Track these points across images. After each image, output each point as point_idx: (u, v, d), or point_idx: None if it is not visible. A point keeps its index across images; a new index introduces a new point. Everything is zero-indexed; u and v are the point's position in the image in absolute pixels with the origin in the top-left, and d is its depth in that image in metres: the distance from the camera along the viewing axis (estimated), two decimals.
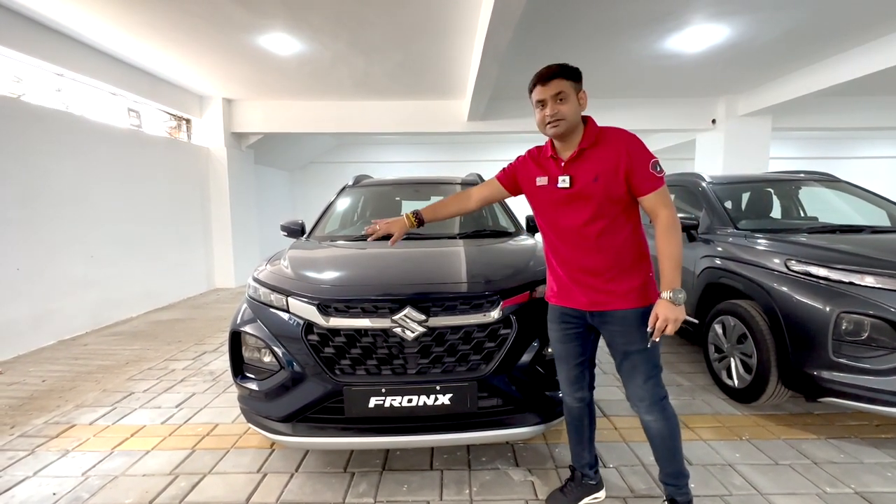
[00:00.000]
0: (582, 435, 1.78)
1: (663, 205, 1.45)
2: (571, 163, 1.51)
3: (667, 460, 1.62)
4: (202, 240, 6.97)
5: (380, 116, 7.20)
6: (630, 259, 1.52)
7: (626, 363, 1.56)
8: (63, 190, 4.47)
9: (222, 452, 2.24)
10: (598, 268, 1.51)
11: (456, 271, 2.00)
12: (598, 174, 1.45)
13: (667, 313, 1.39)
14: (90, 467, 2.13)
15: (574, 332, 1.64)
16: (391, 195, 3.49)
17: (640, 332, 1.50)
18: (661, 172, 1.46)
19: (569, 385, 1.70)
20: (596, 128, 1.52)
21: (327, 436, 1.79)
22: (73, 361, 3.70)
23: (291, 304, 1.84)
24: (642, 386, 1.54)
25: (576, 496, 1.79)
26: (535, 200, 1.63)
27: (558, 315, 1.65)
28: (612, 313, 1.53)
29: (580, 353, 1.66)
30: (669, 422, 1.57)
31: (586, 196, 1.48)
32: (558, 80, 1.44)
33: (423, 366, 1.76)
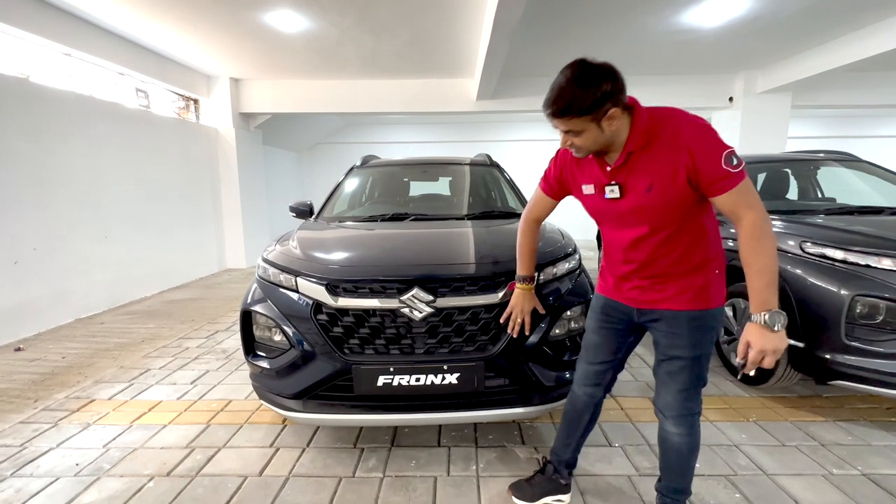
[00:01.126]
0: (575, 431, 1.65)
1: (746, 205, 1.15)
2: (619, 169, 1.27)
3: (676, 476, 1.48)
4: (213, 220, 7.03)
5: (388, 96, 7.11)
6: (695, 262, 1.30)
7: (666, 367, 1.38)
8: (75, 171, 4.51)
9: (236, 427, 2.31)
10: (654, 273, 1.34)
11: (464, 252, 1.99)
12: (653, 182, 1.21)
13: (763, 343, 1.12)
14: (110, 440, 2.21)
15: (613, 328, 1.49)
16: (399, 176, 3.47)
17: (690, 338, 1.32)
18: (739, 165, 1.14)
19: (585, 377, 1.56)
20: (646, 122, 1.21)
21: (337, 413, 1.83)
22: (90, 339, 3.81)
23: (300, 285, 1.86)
24: (676, 395, 1.37)
25: (541, 491, 1.69)
26: (585, 206, 1.44)
27: (602, 305, 1.51)
28: (661, 312, 1.35)
29: (612, 351, 1.51)
30: (693, 439, 1.41)
31: (640, 209, 1.26)
32: (561, 120, 1.20)
33: (431, 346, 1.78)
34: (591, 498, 1.74)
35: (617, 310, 1.47)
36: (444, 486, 1.83)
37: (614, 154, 1.28)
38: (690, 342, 1.32)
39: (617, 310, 1.47)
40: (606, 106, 1.15)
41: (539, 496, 1.69)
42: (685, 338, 1.32)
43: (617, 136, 1.22)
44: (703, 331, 1.32)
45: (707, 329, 1.33)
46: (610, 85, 1.15)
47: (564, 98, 1.16)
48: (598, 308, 1.53)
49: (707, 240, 1.31)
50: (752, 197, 1.17)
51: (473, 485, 1.83)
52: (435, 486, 1.83)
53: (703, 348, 1.33)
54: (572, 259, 2.04)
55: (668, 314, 1.34)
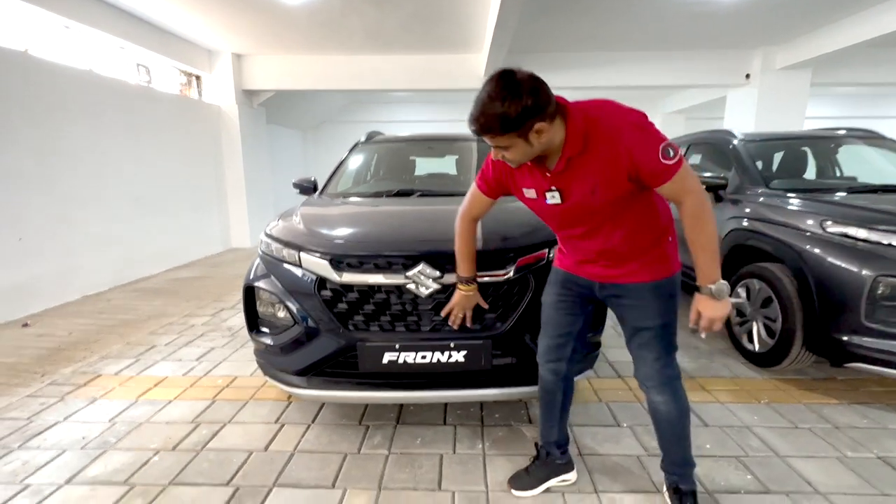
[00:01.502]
0: (553, 411, 1.62)
1: (685, 191, 1.19)
2: (560, 175, 1.25)
3: (673, 446, 1.48)
4: (217, 199, 6.99)
5: (393, 72, 6.94)
6: (650, 237, 1.34)
7: (637, 339, 1.41)
8: (77, 146, 4.46)
9: (241, 403, 2.30)
10: (612, 255, 1.36)
11: None
12: (595, 184, 1.22)
13: (711, 311, 1.23)
14: (116, 414, 2.22)
15: (572, 301, 1.50)
16: (405, 153, 3.38)
17: (654, 307, 1.35)
18: (676, 154, 1.17)
19: (546, 353, 1.56)
20: (581, 126, 1.18)
21: (342, 390, 1.80)
22: (97, 315, 3.82)
23: (304, 259, 1.81)
24: (652, 365, 1.40)
25: (541, 476, 1.65)
26: (528, 206, 1.44)
27: (561, 279, 1.51)
28: (623, 286, 1.38)
29: (570, 322, 1.52)
30: (679, 404, 1.42)
31: (584, 209, 1.29)
32: (485, 137, 1.18)
33: (437, 323, 1.74)
34: (600, 477, 1.72)
35: (577, 283, 1.48)
36: (450, 463, 1.81)
37: (553, 158, 1.25)
38: (656, 311, 1.36)
39: (577, 283, 1.48)
40: (530, 122, 1.12)
41: (540, 482, 1.65)
42: (650, 308, 1.36)
43: (550, 143, 1.20)
44: (667, 298, 1.36)
45: (669, 296, 1.37)
46: (532, 100, 1.10)
47: (485, 115, 1.13)
48: (556, 282, 1.53)
49: (656, 213, 1.35)
50: (690, 182, 1.20)
51: (480, 462, 1.82)
52: (441, 463, 1.82)
53: (668, 315, 1.38)
54: None
55: (631, 287, 1.37)
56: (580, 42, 6.13)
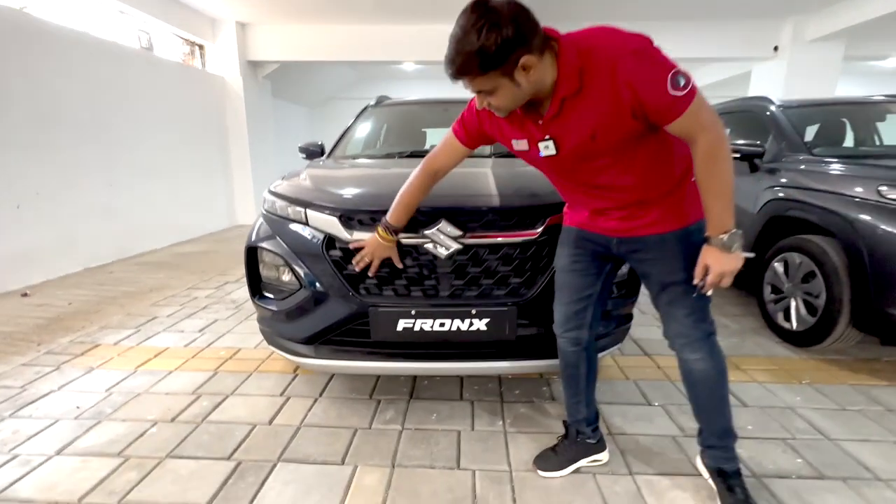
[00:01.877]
0: (577, 386, 1.47)
1: (700, 127, 1.02)
2: (553, 120, 1.09)
3: (712, 413, 1.32)
4: (222, 175, 6.84)
5: (403, 43, 6.66)
6: (670, 180, 1.18)
7: (664, 296, 1.26)
8: (75, 112, 4.29)
9: (244, 376, 2.17)
10: (630, 202, 1.21)
11: (497, 184, 1.74)
12: (595, 128, 1.05)
13: (720, 265, 1.08)
14: (113, 384, 2.10)
15: (587, 261, 1.34)
16: (417, 118, 3.17)
17: (681, 259, 1.20)
18: (687, 84, 0.98)
19: (564, 321, 1.40)
20: (574, 61, 1.00)
21: (352, 359, 1.66)
22: (98, 287, 3.71)
23: (311, 217, 1.64)
24: (684, 321, 1.24)
25: (570, 456, 1.49)
26: (520, 158, 1.29)
27: (574, 238, 1.35)
28: (644, 239, 1.23)
29: (588, 285, 1.36)
30: (716, 361, 1.26)
31: (584, 156, 1.13)
32: (465, 81, 1.01)
33: (458, 287, 1.57)
34: (633, 459, 1.57)
35: (592, 241, 1.33)
36: (468, 440, 1.67)
37: (545, 102, 1.08)
38: (684, 262, 1.20)
39: (592, 241, 1.33)
40: (515, 55, 0.94)
41: (569, 462, 1.49)
42: (678, 260, 1.21)
43: (541, 83, 1.03)
44: (695, 246, 1.17)
45: (697, 244, 1.17)
46: (513, 29, 0.92)
47: (461, 54, 0.95)
48: (569, 241, 1.38)
49: (672, 151, 1.17)
50: (706, 115, 1.02)
51: (501, 440, 1.67)
52: (459, 440, 1.67)
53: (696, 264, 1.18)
54: None
55: (653, 239, 1.22)
56: (601, 11, 5.80)
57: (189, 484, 1.45)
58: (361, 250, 1.51)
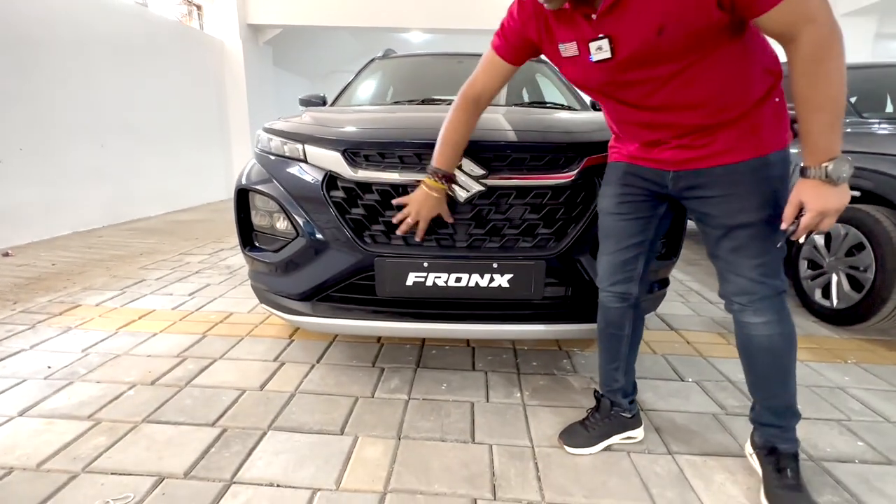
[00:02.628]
0: (618, 349, 1.28)
1: (805, 18, 0.79)
2: (608, 16, 0.89)
3: (773, 388, 1.11)
4: (220, 143, 6.59)
5: (410, 9, 6.34)
6: (749, 98, 0.95)
7: (727, 242, 1.04)
8: (63, 65, 4.03)
9: (235, 340, 1.99)
10: (681, 131, 1.00)
11: (524, 120, 1.52)
12: (664, 21, 0.85)
13: (821, 202, 0.85)
14: (91, 345, 1.91)
15: (638, 202, 1.14)
16: (428, 72, 2.91)
17: (756, 194, 0.98)
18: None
19: (611, 273, 1.20)
20: None
21: (355, 318, 1.46)
22: (85, 250, 3.51)
23: (309, 154, 1.43)
24: (750, 272, 1.03)
25: (602, 432, 1.30)
26: (566, 74, 1.09)
27: (621, 175, 1.15)
28: (709, 171, 1.01)
29: (638, 230, 1.16)
30: (785, 327, 1.06)
31: (645, 61, 0.91)
32: None
33: (478, 237, 1.36)
34: (671, 437, 1.38)
35: (642, 177, 1.12)
36: (483, 412, 1.48)
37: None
38: (759, 200, 0.98)
39: (642, 177, 1.12)
40: None
41: (600, 438, 1.30)
42: (751, 196, 0.99)
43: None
44: (773, 181, 0.99)
45: (776, 178, 0.99)
46: None
47: None
48: (615, 180, 1.17)
49: (755, 58, 0.94)
50: (815, 3, 0.79)
51: (520, 413, 1.48)
52: (472, 411, 1.49)
53: (775, 205, 0.99)
54: None
55: (719, 171, 1.00)
56: None
57: (166, 451, 1.26)
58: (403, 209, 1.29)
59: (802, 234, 0.91)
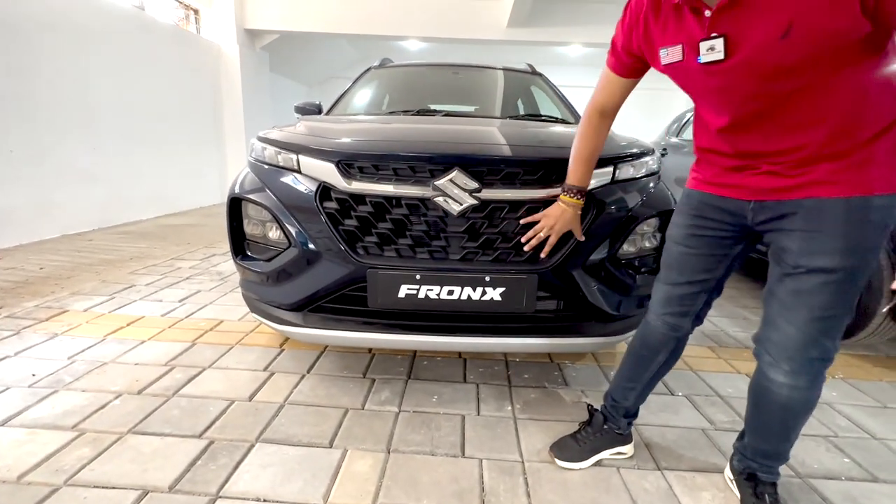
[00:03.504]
0: (642, 373, 1.23)
1: None
2: (726, 11, 0.80)
3: (773, 438, 1.07)
4: (215, 148, 6.56)
5: (407, 17, 6.40)
6: (864, 133, 0.82)
7: (792, 283, 0.91)
8: (57, 65, 4.00)
9: (225, 348, 1.97)
10: (792, 155, 0.87)
11: (518, 134, 1.54)
12: (792, 19, 0.75)
13: None
14: (78, 352, 1.88)
15: (710, 237, 1.05)
16: (426, 82, 2.93)
17: (844, 237, 0.85)
18: None
19: (666, 302, 1.14)
20: None
21: (346, 329, 1.45)
22: (75, 253, 3.47)
23: (304, 164, 1.43)
24: (804, 327, 0.91)
25: (594, 446, 1.29)
26: (674, 79, 0.99)
27: (697, 204, 1.06)
28: (797, 202, 0.89)
29: (705, 268, 1.08)
30: (814, 394, 0.99)
31: (764, 69, 0.80)
32: None
33: (471, 250, 1.37)
34: (661, 453, 1.38)
35: (719, 209, 1.02)
36: (474, 426, 1.48)
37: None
38: (847, 245, 0.85)
39: (719, 209, 1.02)
40: None
41: (591, 453, 1.29)
42: (839, 239, 0.85)
43: None
44: (871, 227, 0.85)
45: (878, 225, 0.85)
46: None
47: None
48: (688, 210, 1.09)
49: (885, 89, 0.81)
50: None
51: (511, 427, 1.48)
52: (463, 425, 1.48)
53: (865, 255, 0.87)
54: (649, 160, 1.58)
55: (810, 203, 0.87)
56: None
57: (151, 463, 1.24)
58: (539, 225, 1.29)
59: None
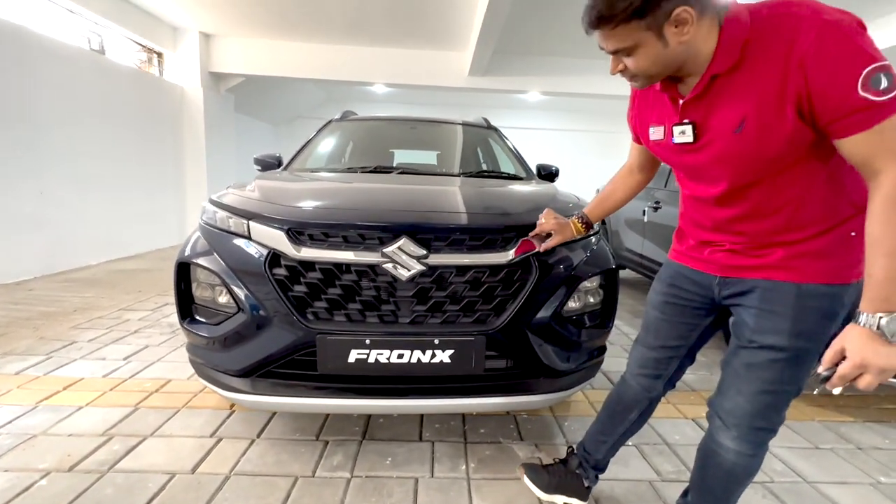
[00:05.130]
0: (615, 427, 1.30)
1: (890, 154, 0.74)
2: (696, 101, 0.90)
3: (713, 501, 1.11)
4: (174, 188, 6.42)
5: (373, 65, 6.64)
6: (817, 225, 0.90)
7: (745, 356, 0.98)
8: (5, 109, 3.88)
9: (171, 412, 1.88)
10: (754, 235, 0.96)
11: (464, 200, 1.62)
12: (745, 116, 0.83)
13: (869, 356, 0.74)
14: (3, 423, 1.75)
15: (684, 306, 1.12)
16: (385, 135, 3.04)
17: (794, 320, 0.91)
18: (891, 90, 0.72)
19: (640, 364, 1.21)
20: (741, 32, 0.81)
21: (296, 396, 1.43)
22: (11, 306, 3.25)
23: (254, 230, 1.44)
24: (753, 398, 0.97)
25: (560, 484, 1.37)
26: (656, 155, 1.11)
27: (673, 274, 1.14)
28: (754, 282, 0.96)
29: (678, 335, 1.15)
30: (756, 462, 1.04)
31: (725, 156, 0.90)
32: (605, 32, 0.84)
33: (420, 314, 1.40)
34: None
35: (691, 280, 1.10)
36: (426, 489, 1.47)
37: (693, 79, 0.89)
38: (796, 328, 0.91)
39: (691, 280, 1.10)
40: (668, 4, 0.77)
41: (555, 490, 1.37)
42: (789, 320, 0.91)
43: (693, 52, 0.84)
44: (821, 315, 0.91)
45: (827, 314, 0.90)
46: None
47: (596, 7, 0.82)
48: (666, 279, 1.17)
49: (843, 184, 0.88)
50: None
51: (464, 488, 1.48)
52: (416, 489, 1.47)
53: (812, 339, 0.92)
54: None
55: (766, 284, 0.94)
56: (573, 46, 5.98)
57: None
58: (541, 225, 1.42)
59: (838, 385, 0.78)
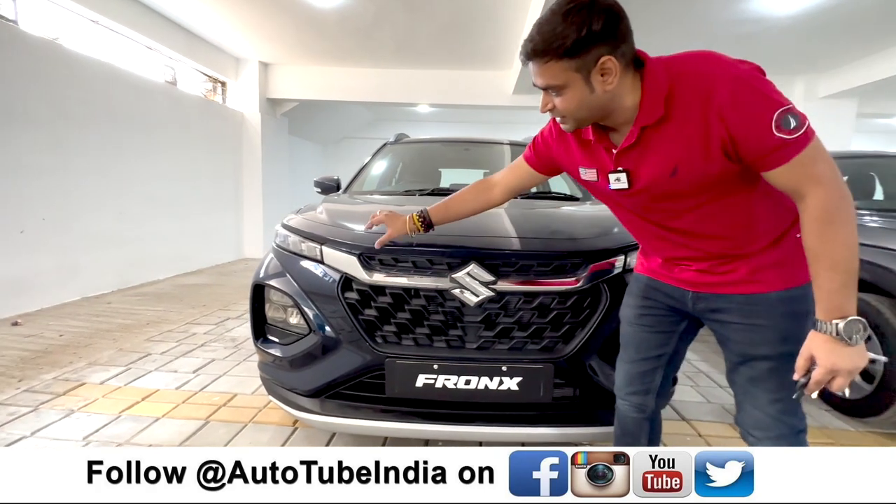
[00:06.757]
0: None
1: (811, 180, 0.81)
2: (629, 151, 0.95)
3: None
4: (233, 207, 6.82)
5: (419, 86, 6.82)
6: (768, 236, 0.97)
7: (745, 371, 1.02)
8: (94, 141, 4.29)
9: (239, 427, 1.96)
10: (700, 255, 1.02)
11: (533, 226, 1.61)
12: (678, 164, 0.90)
13: (834, 360, 0.81)
14: (93, 431, 1.89)
15: (659, 316, 1.14)
16: (436, 157, 3.10)
17: (776, 328, 0.96)
18: (801, 127, 0.79)
19: (626, 383, 1.21)
20: (662, 85, 0.87)
21: (362, 418, 1.46)
22: (94, 318, 3.54)
23: (326, 255, 1.50)
24: (767, 408, 1.00)
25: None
26: (588, 190, 1.16)
27: (644, 287, 1.16)
28: (728, 297, 1.00)
29: (657, 344, 1.16)
30: None
31: (659, 195, 0.96)
32: (537, 66, 0.88)
33: (487, 340, 1.40)
34: None
35: (663, 292, 1.12)
36: None
37: (623, 129, 0.94)
38: (779, 334, 0.96)
39: (663, 292, 1.12)
40: (596, 50, 0.83)
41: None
42: (771, 329, 0.97)
43: (617, 102, 0.90)
44: (796, 317, 0.96)
45: (801, 314, 0.96)
46: (602, 23, 0.82)
47: (541, 34, 0.85)
48: (637, 292, 1.19)
49: (780, 202, 0.95)
50: (822, 168, 0.81)
51: None
52: None
53: (799, 340, 0.92)
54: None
55: (741, 299, 0.99)
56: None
57: None
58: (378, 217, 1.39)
59: (814, 390, 0.85)
